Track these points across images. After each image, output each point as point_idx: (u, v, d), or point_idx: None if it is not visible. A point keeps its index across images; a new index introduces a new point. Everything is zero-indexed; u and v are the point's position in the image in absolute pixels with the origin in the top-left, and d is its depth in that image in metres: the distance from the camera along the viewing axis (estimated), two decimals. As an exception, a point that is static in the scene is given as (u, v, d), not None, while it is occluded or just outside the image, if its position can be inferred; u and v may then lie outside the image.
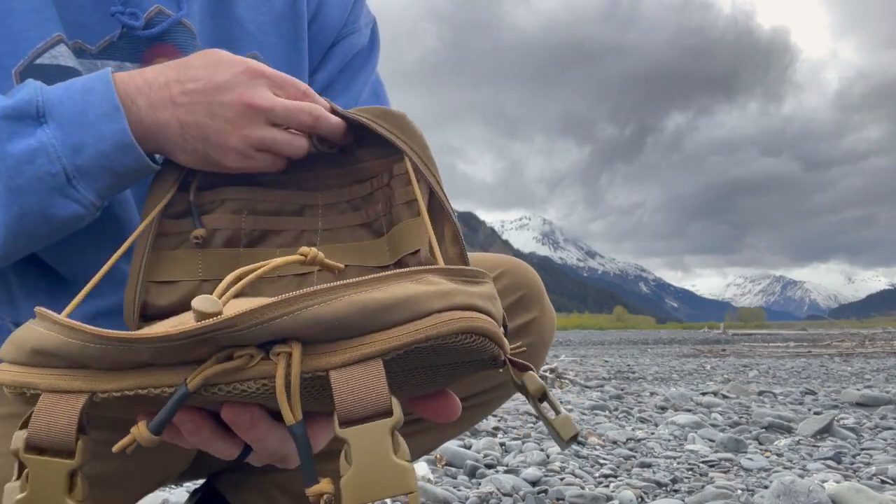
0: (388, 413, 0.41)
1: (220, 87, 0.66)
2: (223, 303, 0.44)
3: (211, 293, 0.47)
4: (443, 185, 0.68)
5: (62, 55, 0.74)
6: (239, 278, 0.48)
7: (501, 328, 0.49)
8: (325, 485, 0.42)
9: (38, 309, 0.48)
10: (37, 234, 0.67)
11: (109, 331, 0.43)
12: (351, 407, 0.41)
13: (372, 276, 0.44)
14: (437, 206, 0.68)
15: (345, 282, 0.43)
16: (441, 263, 0.62)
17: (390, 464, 0.40)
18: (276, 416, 0.48)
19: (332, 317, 0.42)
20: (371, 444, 0.40)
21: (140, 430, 0.44)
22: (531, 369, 0.51)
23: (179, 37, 0.80)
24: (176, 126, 0.66)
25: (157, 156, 0.71)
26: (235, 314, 0.41)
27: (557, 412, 0.50)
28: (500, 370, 0.51)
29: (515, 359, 0.50)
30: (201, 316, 0.42)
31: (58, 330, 0.44)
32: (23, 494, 0.43)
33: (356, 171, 0.75)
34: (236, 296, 0.49)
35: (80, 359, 0.44)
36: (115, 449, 0.45)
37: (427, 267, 0.47)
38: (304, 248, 0.55)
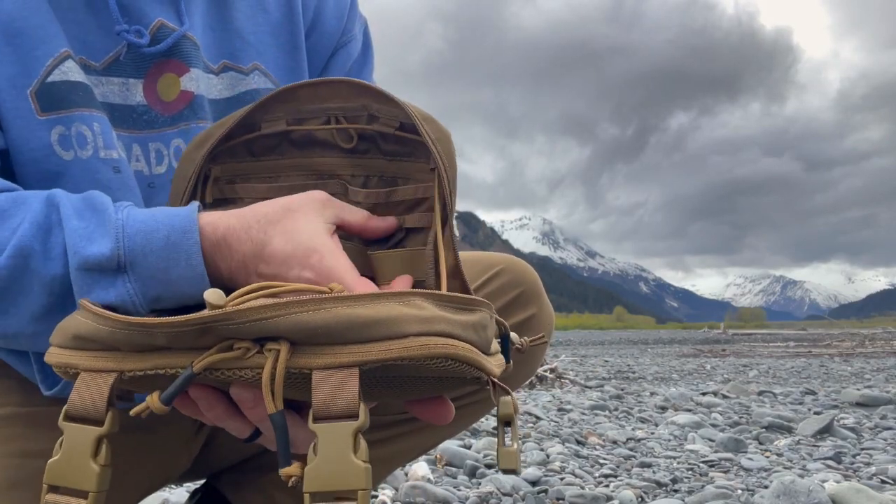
0: (355, 416, 0.46)
1: (290, 269, 0.63)
2: (236, 303, 0.50)
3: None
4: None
5: (71, 70, 0.74)
6: (251, 291, 0.54)
7: (486, 353, 0.53)
8: (294, 468, 0.47)
9: (81, 301, 0.55)
10: None
11: (132, 318, 0.50)
12: (324, 405, 0.46)
13: (365, 293, 0.49)
14: (444, 236, 0.69)
15: (337, 295, 0.48)
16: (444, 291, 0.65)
17: (348, 461, 0.45)
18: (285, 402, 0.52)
19: (316, 324, 0.47)
20: (335, 441, 0.46)
21: (153, 400, 0.51)
22: (509, 394, 0.55)
23: (185, 50, 0.80)
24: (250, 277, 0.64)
25: None
26: (233, 310, 0.47)
27: (507, 442, 0.55)
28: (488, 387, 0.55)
29: (498, 381, 0.54)
30: (211, 306, 0.49)
31: (92, 318, 0.52)
32: (56, 457, 0.51)
33: (364, 165, 0.75)
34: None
35: (110, 342, 0.51)
36: (132, 413, 0.51)
37: (419, 290, 0.51)
38: (332, 284, 0.58)
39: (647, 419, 3.58)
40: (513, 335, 0.70)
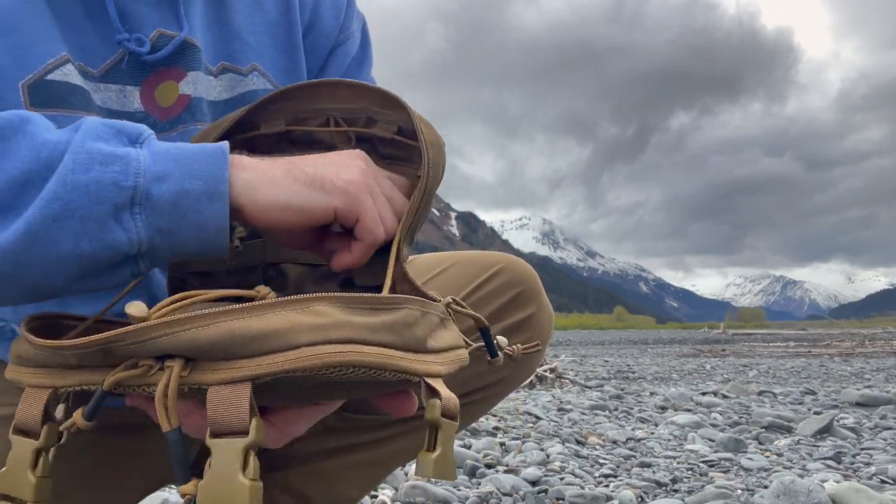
0: (245, 433, 0.46)
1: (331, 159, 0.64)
2: (159, 315, 0.50)
3: (237, 285, 0.56)
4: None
5: (71, 73, 0.73)
6: (183, 298, 0.54)
7: (415, 352, 0.52)
8: (190, 486, 0.48)
9: (24, 318, 0.57)
10: (51, 254, 0.55)
11: (45, 341, 0.52)
12: (217, 421, 0.47)
13: (259, 303, 0.48)
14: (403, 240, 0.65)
15: (228, 308, 0.47)
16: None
17: (233, 480, 0.45)
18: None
19: (205, 341, 0.47)
20: (224, 459, 0.46)
21: (77, 416, 0.53)
22: (439, 398, 0.52)
23: (185, 56, 0.80)
24: (282, 164, 0.60)
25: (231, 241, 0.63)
26: (125, 331, 0.48)
27: (433, 447, 0.52)
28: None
29: (430, 383, 0.52)
30: (133, 319, 0.49)
31: (21, 339, 0.56)
32: (4, 468, 0.54)
33: None
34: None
35: (40, 361, 0.54)
36: (60, 429, 0.54)
37: (323, 295, 0.49)
38: (258, 287, 0.58)
39: (647, 419, 3.58)
40: (501, 339, 0.70)
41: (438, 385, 0.53)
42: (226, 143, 0.59)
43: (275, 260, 0.78)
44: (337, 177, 0.60)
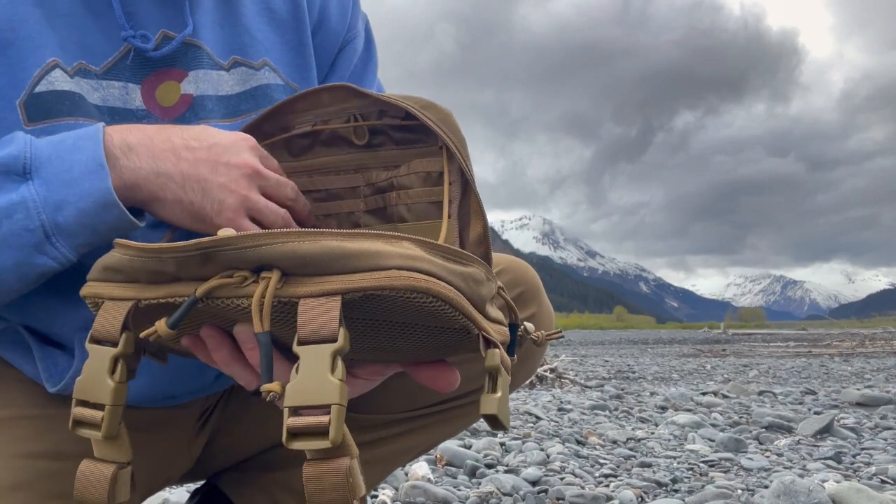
0: (334, 340, 0.48)
1: (226, 149, 0.71)
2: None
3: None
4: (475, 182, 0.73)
5: (58, 80, 0.73)
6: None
7: (479, 309, 0.55)
8: (275, 385, 0.49)
9: (117, 240, 0.59)
10: (8, 288, 0.68)
11: (147, 245, 0.54)
12: (307, 330, 0.49)
13: (354, 230, 0.52)
14: (469, 206, 0.72)
15: (327, 230, 0.51)
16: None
17: (324, 378, 0.47)
18: (286, 352, 0.54)
19: (305, 253, 0.50)
20: (314, 361, 0.48)
21: (161, 325, 0.54)
22: (498, 348, 0.55)
23: (187, 56, 0.81)
24: (178, 177, 0.68)
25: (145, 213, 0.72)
26: (231, 236, 0.51)
27: (493, 391, 0.54)
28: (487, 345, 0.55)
29: (489, 336, 0.55)
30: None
31: (118, 249, 0.57)
32: (81, 376, 0.56)
33: (381, 156, 0.82)
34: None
35: (131, 272, 0.56)
36: (141, 336, 0.55)
37: (407, 235, 0.53)
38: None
39: (647, 419, 3.58)
40: (529, 325, 0.72)
41: (494, 339, 0.56)
42: (101, 153, 0.66)
43: None
44: (218, 215, 0.69)
